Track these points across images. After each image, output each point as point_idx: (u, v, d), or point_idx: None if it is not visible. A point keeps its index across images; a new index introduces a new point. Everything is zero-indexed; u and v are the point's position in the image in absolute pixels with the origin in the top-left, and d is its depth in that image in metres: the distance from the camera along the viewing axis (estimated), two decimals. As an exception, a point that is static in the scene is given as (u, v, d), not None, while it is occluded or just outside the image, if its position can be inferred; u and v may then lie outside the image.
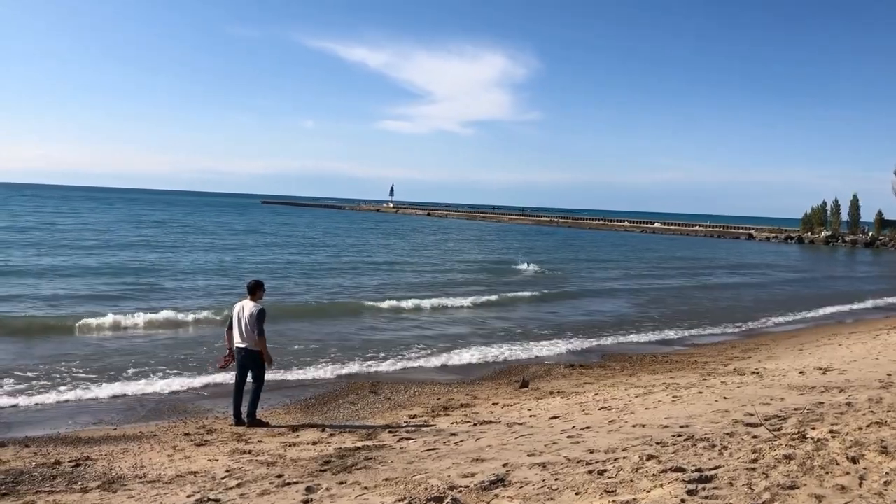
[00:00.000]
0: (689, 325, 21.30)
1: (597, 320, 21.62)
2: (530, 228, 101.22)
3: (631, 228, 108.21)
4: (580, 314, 22.91)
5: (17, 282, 23.14)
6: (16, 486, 6.94)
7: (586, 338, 18.49)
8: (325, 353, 15.22)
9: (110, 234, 49.05)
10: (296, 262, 35.04)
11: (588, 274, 36.62)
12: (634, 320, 21.91)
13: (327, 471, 7.00)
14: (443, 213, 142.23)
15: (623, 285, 32.25)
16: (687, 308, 25.48)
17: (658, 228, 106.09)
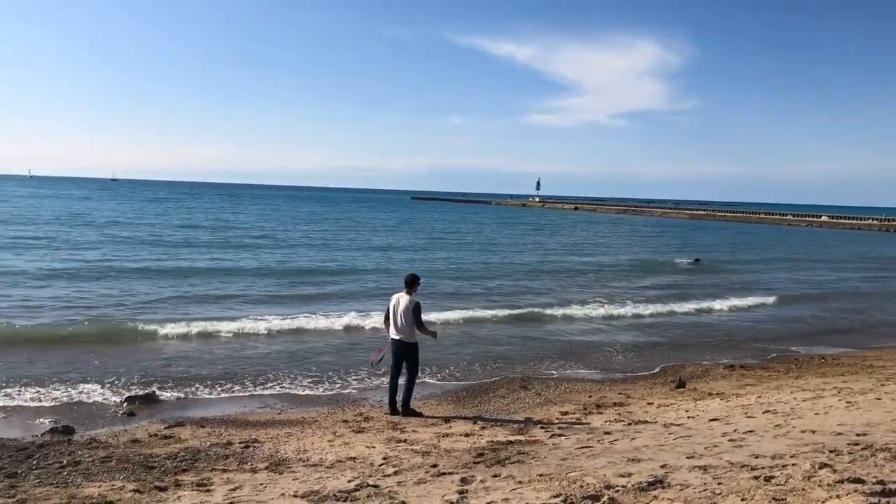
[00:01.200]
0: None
1: (767, 328, 20.39)
2: (686, 223, 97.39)
3: (795, 222, 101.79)
4: (755, 318, 21.69)
5: (197, 282, 23.79)
6: (194, 463, 7.47)
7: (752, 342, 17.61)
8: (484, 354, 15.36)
9: (283, 230, 51.54)
10: (463, 263, 33.38)
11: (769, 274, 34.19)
12: (809, 322, 20.64)
13: (481, 463, 7.06)
14: (591, 208, 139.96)
15: (794, 283, 30.41)
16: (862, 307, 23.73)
17: (825, 222, 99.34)
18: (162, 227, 48.67)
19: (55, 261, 26.16)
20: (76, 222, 48.97)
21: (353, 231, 54.34)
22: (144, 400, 10.60)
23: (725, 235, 68.13)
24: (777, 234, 74.47)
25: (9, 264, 24.63)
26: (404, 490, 6.15)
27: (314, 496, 6.05)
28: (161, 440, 8.54)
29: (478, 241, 48.78)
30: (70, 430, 9.05)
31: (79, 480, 6.83)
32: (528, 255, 38.45)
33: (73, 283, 21.20)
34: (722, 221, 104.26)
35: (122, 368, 12.40)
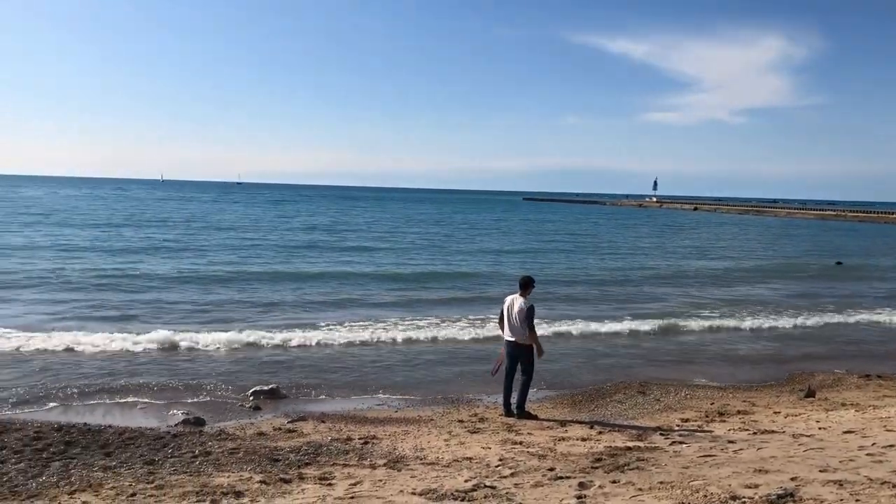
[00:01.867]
0: None
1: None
2: (814, 223, 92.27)
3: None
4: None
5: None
6: (316, 457, 7.71)
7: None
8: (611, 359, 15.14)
9: (399, 233, 52.45)
10: (579, 267, 32.28)
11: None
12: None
13: (599, 468, 6.95)
14: (711, 208, 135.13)
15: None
16: None
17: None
18: (284, 229, 50.48)
19: (184, 263, 27.51)
20: (204, 225, 51.54)
21: (466, 233, 54.57)
22: (269, 395, 11.02)
23: (863, 237, 63.99)
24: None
25: (145, 267, 26.11)
26: (521, 492, 6.14)
27: (432, 494, 6.13)
28: (285, 434, 8.85)
29: (594, 243, 47.78)
30: (201, 421, 9.53)
31: (210, 470, 7.18)
32: (648, 259, 37.18)
33: (202, 286, 22.20)
34: (854, 222, 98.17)
35: (247, 365, 12.96)
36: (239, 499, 6.11)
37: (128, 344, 13.77)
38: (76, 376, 11.72)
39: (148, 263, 27.18)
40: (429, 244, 42.38)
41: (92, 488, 6.50)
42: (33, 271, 23.62)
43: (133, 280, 22.79)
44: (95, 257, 28.59)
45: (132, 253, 30.78)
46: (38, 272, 23.42)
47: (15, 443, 8.03)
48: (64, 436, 8.38)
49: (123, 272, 24.29)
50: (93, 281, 22.20)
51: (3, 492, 6.45)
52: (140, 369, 12.35)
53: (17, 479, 6.85)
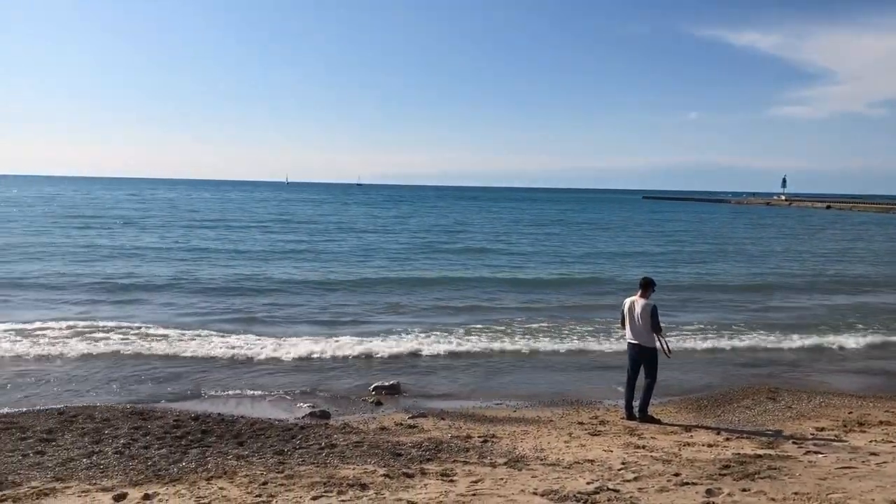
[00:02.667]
0: None
1: None
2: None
3: None
4: None
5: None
6: (437, 453, 7.81)
7: None
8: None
9: (517, 234, 52.31)
10: (712, 272, 29.70)
11: None
12: None
13: (727, 475, 6.70)
14: (846, 207, 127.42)
15: None
16: None
17: None
18: (400, 232, 51.21)
19: (312, 271, 28.17)
20: (330, 227, 53.07)
21: (583, 233, 53.68)
22: (390, 391, 11.25)
23: None
24: None
25: (277, 274, 27.08)
26: (646, 497, 6.00)
27: (553, 495, 6.08)
28: (406, 429, 9.01)
29: (724, 244, 45.34)
30: (326, 414, 9.84)
31: (335, 462, 7.41)
32: (783, 261, 34.85)
33: (330, 292, 22.60)
34: None
35: (369, 363, 13.29)
36: (364, 491, 6.26)
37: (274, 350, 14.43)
38: (211, 370, 12.36)
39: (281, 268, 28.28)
40: (551, 246, 41.75)
41: (227, 475, 6.84)
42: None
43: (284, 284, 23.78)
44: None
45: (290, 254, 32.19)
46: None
47: (157, 430, 8.57)
48: (200, 425, 8.87)
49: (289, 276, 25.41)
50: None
51: (148, 475, 6.89)
52: (266, 364, 12.89)
53: (160, 463, 7.30)
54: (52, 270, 23.89)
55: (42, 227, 42.72)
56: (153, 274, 23.94)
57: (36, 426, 8.65)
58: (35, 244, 31.96)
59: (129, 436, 8.29)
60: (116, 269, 25.02)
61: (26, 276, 22.65)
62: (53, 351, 12.96)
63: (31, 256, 27.67)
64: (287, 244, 36.97)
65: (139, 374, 11.83)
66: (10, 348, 13.01)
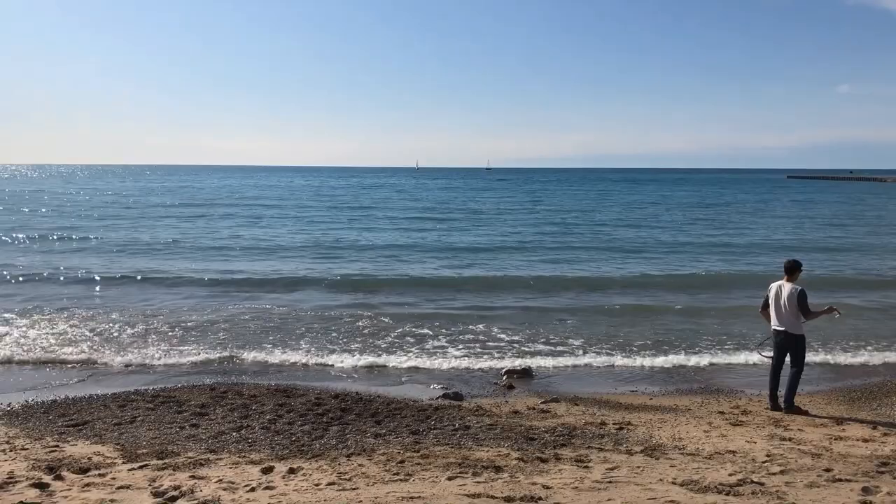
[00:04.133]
0: None
1: None
2: None
3: None
4: None
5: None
6: (571, 439, 7.74)
7: None
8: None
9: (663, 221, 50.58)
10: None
11: None
12: None
13: (886, 473, 6.27)
14: None
15: None
16: None
17: None
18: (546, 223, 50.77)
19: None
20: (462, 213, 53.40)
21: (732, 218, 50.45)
22: (521, 374, 11.25)
23: None
24: None
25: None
26: (794, 492, 5.71)
27: (694, 486, 5.90)
28: (539, 413, 8.99)
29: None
30: (459, 396, 9.96)
31: (469, 444, 7.49)
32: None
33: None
34: None
35: (496, 344, 13.35)
36: (498, 473, 6.30)
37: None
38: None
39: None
40: (693, 234, 40.09)
41: (366, 453, 7.06)
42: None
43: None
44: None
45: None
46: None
47: (300, 406, 8.96)
48: (340, 403, 9.20)
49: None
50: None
51: (293, 450, 7.22)
52: (421, 344, 13.20)
53: (303, 439, 7.64)
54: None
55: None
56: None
57: (191, 400, 9.25)
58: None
59: (274, 412, 8.71)
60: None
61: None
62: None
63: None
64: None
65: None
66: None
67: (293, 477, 6.22)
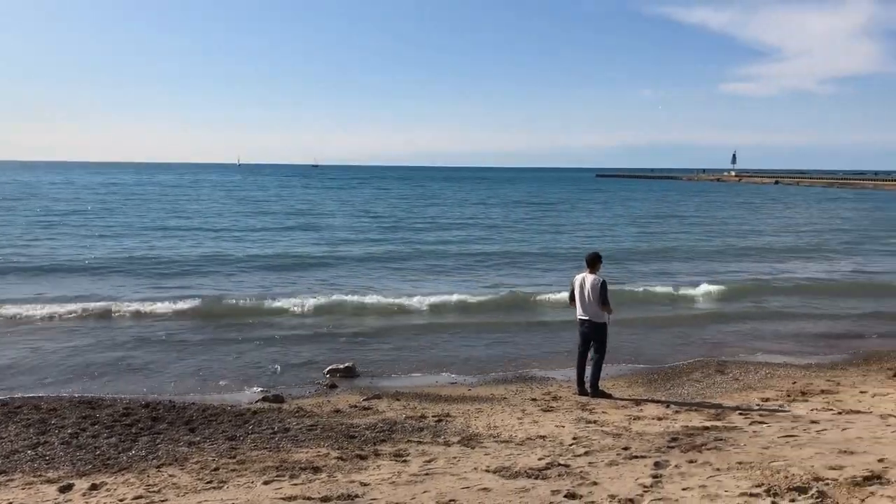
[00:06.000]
0: None
1: None
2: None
3: None
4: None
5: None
6: (391, 434, 7.83)
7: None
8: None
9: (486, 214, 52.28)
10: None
11: None
12: None
13: (675, 448, 6.84)
14: (793, 181, 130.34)
15: None
16: None
17: None
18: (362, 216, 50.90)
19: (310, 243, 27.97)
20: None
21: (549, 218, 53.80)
22: (344, 373, 11.21)
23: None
24: None
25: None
26: (595, 471, 6.10)
27: (505, 472, 6.15)
28: (360, 411, 9.01)
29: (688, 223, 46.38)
30: (280, 398, 9.77)
31: (288, 446, 7.38)
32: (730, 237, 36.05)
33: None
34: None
35: (322, 343, 13.24)
36: (317, 474, 6.26)
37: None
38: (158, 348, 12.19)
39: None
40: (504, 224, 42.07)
41: (178, 462, 6.77)
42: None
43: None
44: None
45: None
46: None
47: (106, 418, 8.42)
48: (151, 412, 8.74)
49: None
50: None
51: (96, 464, 6.78)
52: (217, 346, 12.76)
53: (108, 452, 7.19)
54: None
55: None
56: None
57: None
58: None
59: (76, 426, 8.12)
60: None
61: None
62: None
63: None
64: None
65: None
66: None
67: (95, 493, 5.85)
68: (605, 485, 5.64)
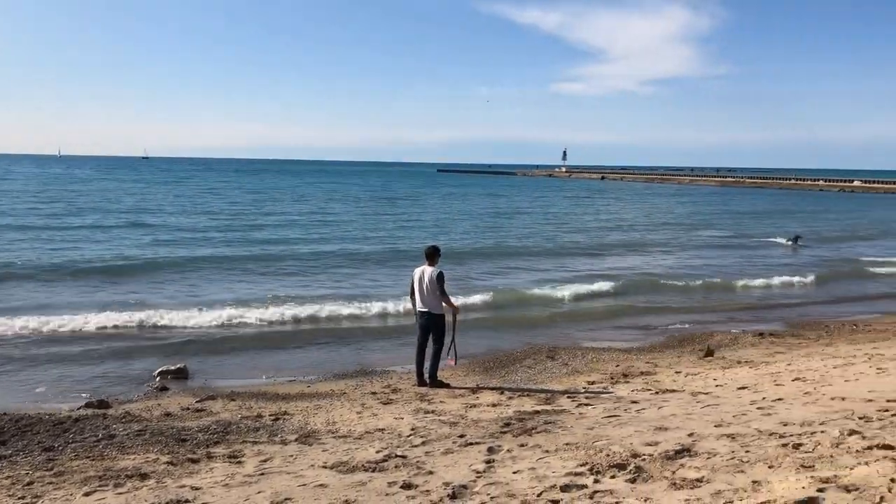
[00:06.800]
0: None
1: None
2: (717, 190, 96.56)
3: (827, 187, 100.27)
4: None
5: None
6: (225, 436, 7.59)
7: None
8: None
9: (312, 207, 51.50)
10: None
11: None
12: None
13: (508, 433, 7.09)
14: (617, 177, 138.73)
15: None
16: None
17: (857, 187, 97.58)
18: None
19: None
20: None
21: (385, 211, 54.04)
22: (176, 374, 10.77)
23: (766, 201, 67.37)
24: (814, 199, 73.29)
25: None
26: (431, 460, 6.21)
27: (343, 467, 6.13)
28: (193, 413, 8.69)
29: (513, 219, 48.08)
30: (105, 404, 9.23)
31: (114, 453, 6.98)
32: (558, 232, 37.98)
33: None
34: (752, 188, 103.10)
35: (152, 345, 12.63)
36: (144, 481, 5.96)
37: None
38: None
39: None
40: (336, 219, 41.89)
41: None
42: None
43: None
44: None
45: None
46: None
47: None
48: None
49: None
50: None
51: None
52: (40, 353, 11.87)
53: None
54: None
55: None
56: None
57: None
58: None
59: None
60: None
61: None
62: None
63: None
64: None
65: None
66: None
67: None
68: (441, 473, 5.76)
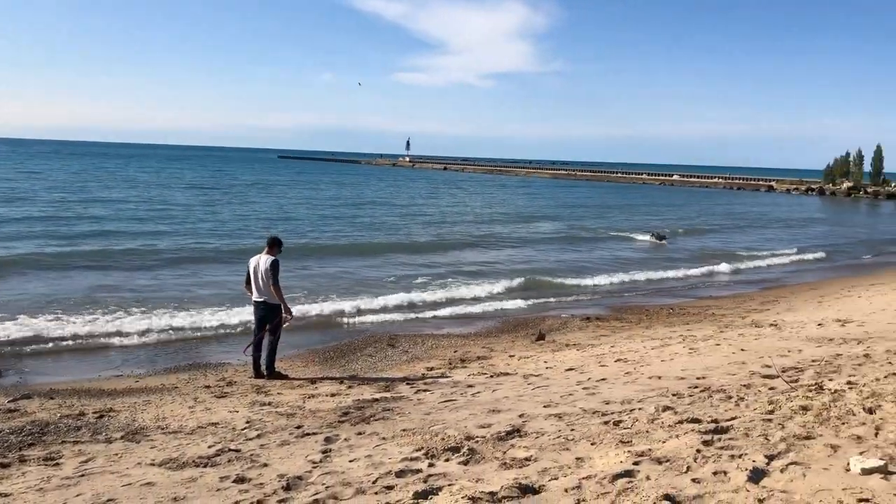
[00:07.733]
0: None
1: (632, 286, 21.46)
2: (551, 182, 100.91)
3: (650, 181, 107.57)
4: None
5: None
6: (41, 437, 7.08)
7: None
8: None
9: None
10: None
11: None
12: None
13: (346, 422, 7.09)
14: (459, 168, 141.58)
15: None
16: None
17: (676, 181, 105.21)
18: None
19: None
20: None
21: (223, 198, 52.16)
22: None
23: (605, 194, 71.19)
24: (641, 192, 78.24)
25: None
26: (267, 452, 6.10)
27: (172, 463, 5.89)
28: (4, 415, 8.02)
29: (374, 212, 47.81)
30: None
31: None
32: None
33: None
34: (583, 181, 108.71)
35: None
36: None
37: None
38: None
39: None
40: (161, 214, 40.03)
41: None
42: None
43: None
44: None
45: None
46: None
47: None
48: None
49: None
50: None
51: None
52: None
53: None
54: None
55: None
56: None
57: None
58: None
59: None
60: None
61: None
62: None
63: None
64: None
65: None
66: None
67: None
68: (276, 465, 5.66)
